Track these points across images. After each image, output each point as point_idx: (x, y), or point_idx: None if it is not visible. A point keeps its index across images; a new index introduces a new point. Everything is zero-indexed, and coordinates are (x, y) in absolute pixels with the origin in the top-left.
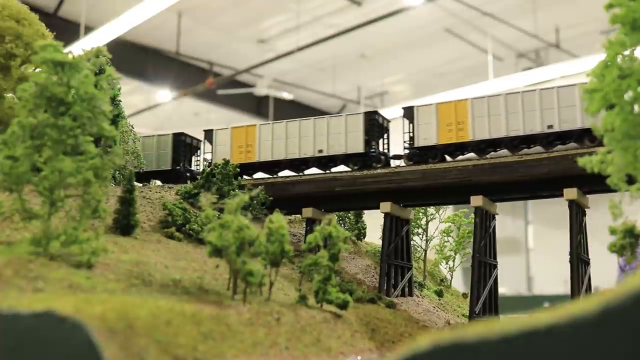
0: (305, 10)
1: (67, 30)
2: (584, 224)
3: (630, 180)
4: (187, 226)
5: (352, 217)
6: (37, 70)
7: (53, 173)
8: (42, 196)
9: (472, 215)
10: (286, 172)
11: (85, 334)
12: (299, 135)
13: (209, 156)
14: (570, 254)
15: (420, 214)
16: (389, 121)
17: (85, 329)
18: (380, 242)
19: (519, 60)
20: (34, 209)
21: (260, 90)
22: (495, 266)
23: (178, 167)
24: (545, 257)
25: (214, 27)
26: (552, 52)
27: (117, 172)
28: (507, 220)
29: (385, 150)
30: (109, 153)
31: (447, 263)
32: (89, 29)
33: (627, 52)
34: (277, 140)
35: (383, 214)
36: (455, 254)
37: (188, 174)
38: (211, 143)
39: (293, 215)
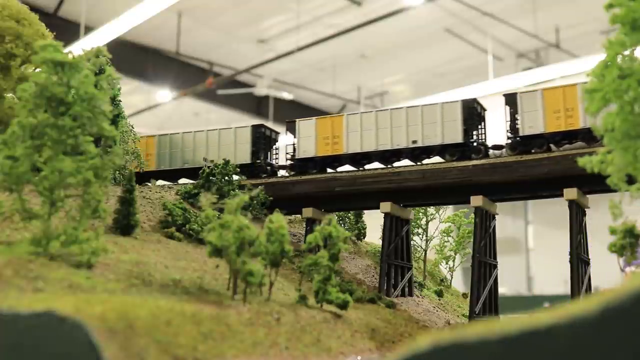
0: (305, 10)
1: (67, 30)
2: (584, 224)
3: (630, 180)
4: (187, 226)
5: (352, 217)
6: (37, 70)
7: (53, 173)
8: (42, 196)
9: (472, 215)
10: (375, 165)
11: (85, 334)
12: (391, 126)
13: (285, 149)
14: (570, 254)
15: (420, 214)
16: (485, 109)
17: (85, 329)
18: (380, 242)
19: (519, 60)
20: (34, 209)
21: (260, 90)
22: (495, 266)
23: (258, 161)
24: (545, 257)
25: (214, 27)
26: (552, 52)
27: (117, 172)
28: (507, 220)
29: (483, 140)
30: (109, 153)
31: (447, 263)
32: (89, 29)
33: (627, 52)
34: (366, 131)
35: (383, 214)
36: (455, 254)
37: (269, 167)
38: (294, 135)
39: (293, 215)
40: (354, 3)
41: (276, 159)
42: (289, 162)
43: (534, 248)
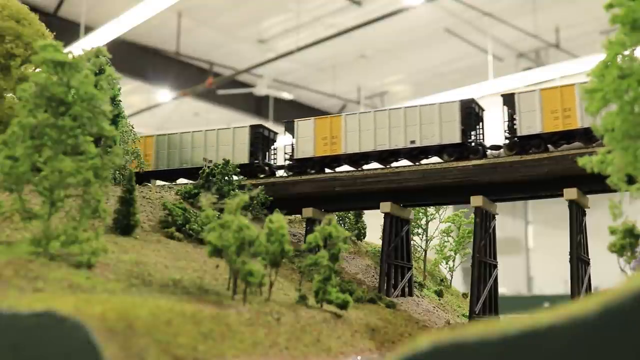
0: (305, 10)
1: (67, 30)
2: (584, 224)
3: (630, 180)
4: (187, 226)
5: (352, 217)
6: (37, 70)
7: (53, 173)
8: (42, 196)
9: (472, 215)
10: (373, 165)
11: (85, 334)
12: (389, 126)
13: (283, 149)
14: (570, 254)
15: (420, 214)
16: (483, 110)
17: (85, 329)
18: (380, 242)
19: (519, 60)
20: (34, 209)
21: (260, 90)
22: (495, 266)
23: (257, 161)
24: (545, 257)
25: (214, 27)
26: (552, 52)
27: (117, 172)
28: (507, 220)
29: (481, 141)
30: (109, 153)
31: (447, 263)
32: (89, 29)
33: (627, 52)
34: (364, 131)
35: (383, 214)
36: (455, 254)
37: (267, 168)
38: (292, 135)
39: (293, 215)
40: (354, 3)
41: (274, 159)
42: (287, 162)
43: (534, 248)
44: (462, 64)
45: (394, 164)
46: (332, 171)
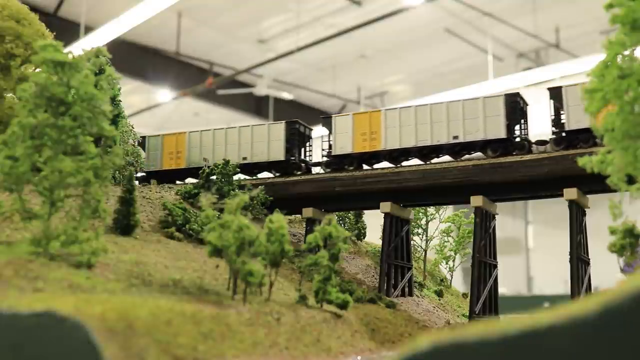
0: (305, 10)
1: (67, 30)
2: (584, 224)
3: (630, 180)
4: (187, 226)
5: (352, 217)
6: (37, 70)
7: (53, 173)
8: (42, 196)
9: (472, 215)
10: (413, 162)
11: (85, 334)
12: (431, 121)
13: (321, 145)
14: (570, 254)
15: (420, 214)
16: (527, 104)
17: (85, 329)
18: (380, 242)
19: (519, 60)
20: (34, 209)
21: (260, 90)
22: (495, 266)
23: (293, 158)
24: (545, 257)
25: (214, 27)
26: (552, 52)
27: (117, 172)
28: (507, 220)
29: (526, 136)
30: (109, 153)
31: (447, 263)
32: (89, 29)
33: (627, 52)
34: (405, 126)
35: (383, 214)
36: (455, 254)
37: (303, 164)
38: (330, 131)
39: (293, 215)
40: (354, 3)
41: (309, 156)
42: (324, 158)
43: (534, 248)
44: (462, 64)
45: (434, 160)
46: (371, 168)
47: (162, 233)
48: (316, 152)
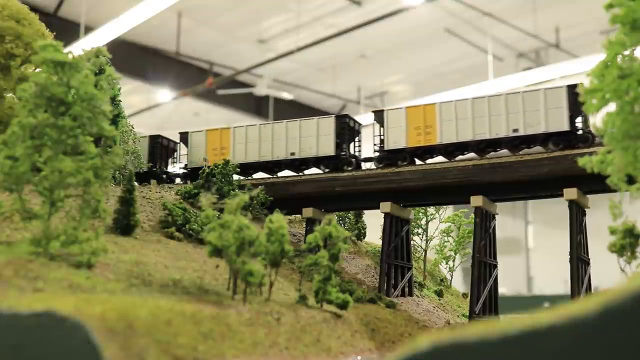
0: (305, 10)
1: (67, 30)
2: (584, 224)
3: (630, 180)
4: (187, 226)
5: (352, 217)
6: (37, 70)
7: (53, 173)
8: (42, 196)
9: (472, 215)
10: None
11: (85, 334)
12: (489, 114)
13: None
14: (570, 254)
15: (420, 214)
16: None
17: (85, 329)
18: (380, 242)
19: (519, 60)
20: (34, 209)
21: (260, 90)
22: (495, 266)
23: (343, 153)
24: (545, 257)
25: (214, 27)
26: (552, 52)
27: (117, 172)
28: (507, 220)
29: (589, 128)
30: (109, 153)
31: (447, 263)
32: (89, 29)
33: (627, 52)
34: (461, 120)
35: (383, 214)
36: (455, 254)
37: (353, 160)
38: (381, 125)
39: (293, 215)
40: (354, 3)
41: (358, 151)
42: (376, 153)
43: (534, 248)
44: (462, 64)
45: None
46: (423, 163)
47: (162, 233)
48: (365, 147)
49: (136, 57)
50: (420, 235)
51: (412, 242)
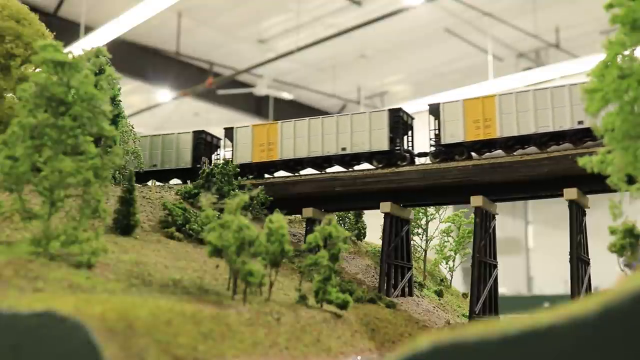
0: (305, 10)
1: (67, 30)
2: (584, 224)
3: (630, 180)
4: (187, 226)
5: (352, 217)
6: (37, 70)
7: (53, 173)
8: (42, 196)
9: (472, 215)
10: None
11: (85, 334)
12: (552, 106)
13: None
14: (570, 254)
15: (420, 214)
16: None
17: (85, 329)
18: (380, 242)
19: (519, 60)
20: (34, 209)
21: (260, 90)
22: (495, 266)
23: (397, 148)
24: (545, 257)
25: (214, 27)
26: (552, 52)
27: (117, 172)
28: (507, 220)
29: None
30: (109, 153)
31: (447, 263)
32: (89, 29)
33: (627, 52)
34: (522, 112)
35: (383, 214)
36: (455, 254)
37: (407, 155)
38: (437, 118)
39: (293, 215)
40: (354, 3)
41: (410, 146)
42: (432, 148)
43: (534, 248)
44: (462, 64)
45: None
46: (479, 157)
47: (162, 233)
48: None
49: (136, 57)
50: (420, 235)
51: (412, 242)
